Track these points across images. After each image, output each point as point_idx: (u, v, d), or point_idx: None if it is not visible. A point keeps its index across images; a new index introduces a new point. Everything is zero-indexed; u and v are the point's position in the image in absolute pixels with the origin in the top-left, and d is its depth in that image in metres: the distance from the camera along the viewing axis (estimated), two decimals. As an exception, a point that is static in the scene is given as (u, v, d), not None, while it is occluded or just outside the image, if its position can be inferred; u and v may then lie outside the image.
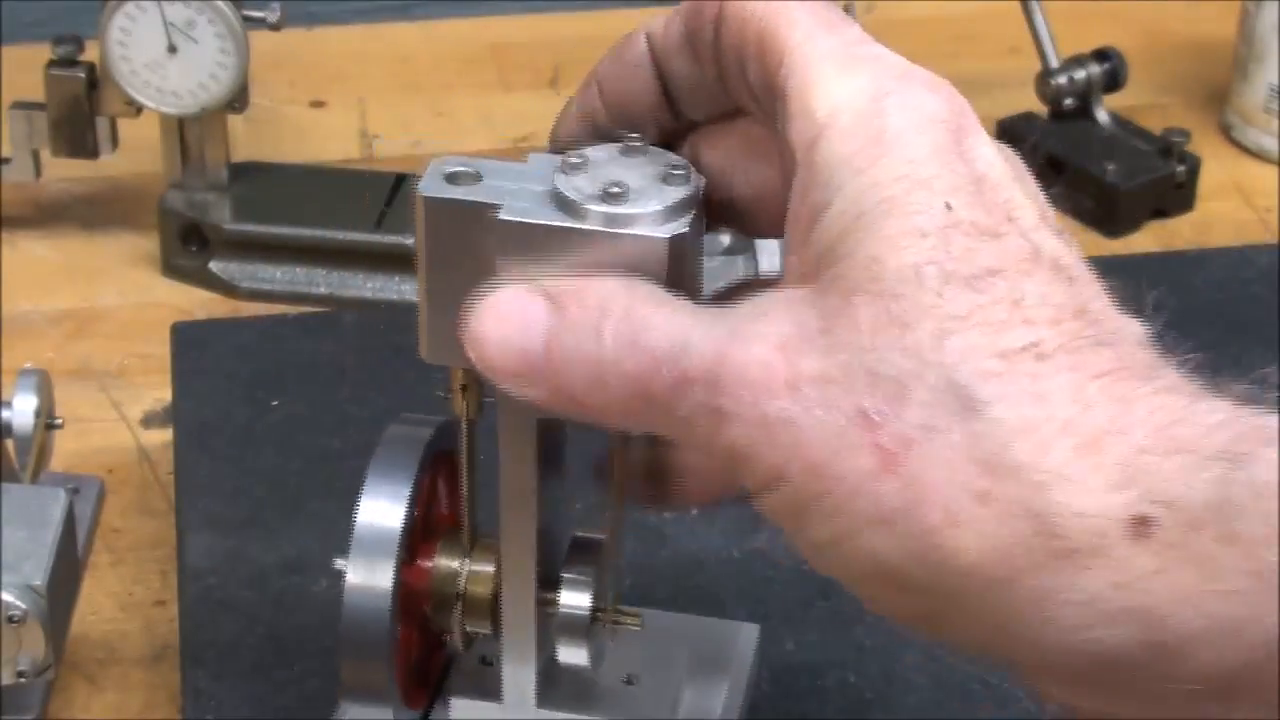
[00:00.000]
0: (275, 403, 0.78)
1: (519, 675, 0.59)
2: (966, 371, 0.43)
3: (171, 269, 0.93)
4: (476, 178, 0.52)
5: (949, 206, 0.45)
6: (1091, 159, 0.97)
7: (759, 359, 0.45)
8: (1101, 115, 0.99)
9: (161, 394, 0.83)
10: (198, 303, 0.91)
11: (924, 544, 0.43)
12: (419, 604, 0.59)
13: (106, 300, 0.91)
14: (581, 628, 0.58)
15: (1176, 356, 0.45)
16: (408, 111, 1.06)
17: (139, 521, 0.77)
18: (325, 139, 1.03)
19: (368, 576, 0.57)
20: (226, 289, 0.91)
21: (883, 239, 0.45)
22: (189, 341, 0.82)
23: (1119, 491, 0.42)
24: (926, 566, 0.43)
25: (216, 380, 0.80)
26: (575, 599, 0.58)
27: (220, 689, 0.64)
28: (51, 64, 0.90)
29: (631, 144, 0.52)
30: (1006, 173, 0.47)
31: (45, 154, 0.92)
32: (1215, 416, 0.43)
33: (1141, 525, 0.41)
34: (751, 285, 0.52)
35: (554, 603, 0.58)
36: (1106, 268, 0.49)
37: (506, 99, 1.08)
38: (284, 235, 0.91)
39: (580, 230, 0.50)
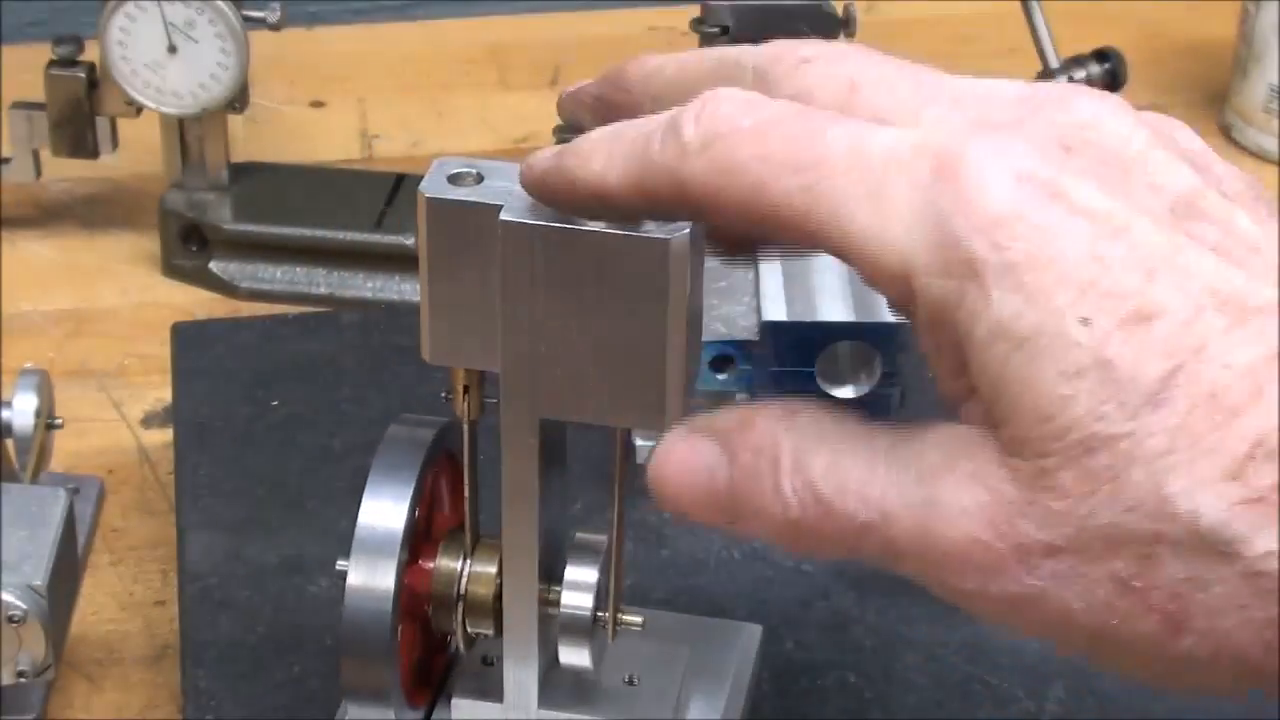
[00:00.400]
0: (275, 403, 0.78)
1: (520, 676, 0.59)
2: (1205, 518, 0.40)
3: (171, 269, 0.93)
4: (478, 178, 0.52)
5: (1086, 321, 0.41)
6: (1091, 159, 0.97)
7: (974, 539, 0.43)
8: (1101, 115, 0.99)
9: (161, 394, 0.83)
10: (198, 303, 0.91)
11: (1250, 674, 0.42)
12: (420, 605, 0.59)
13: (106, 300, 0.91)
14: (584, 629, 0.58)
15: None
16: (408, 111, 1.06)
17: (139, 521, 0.77)
18: (325, 139, 1.04)
19: (369, 577, 0.57)
20: (226, 289, 0.92)
21: (1042, 392, 0.41)
22: (189, 341, 0.82)
23: None
24: (1263, 680, 0.43)
25: (216, 380, 0.79)
26: (577, 600, 0.58)
27: (220, 689, 0.64)
28: (51, 64, 0.90)
29: None
30: (1117, 190, 0.43)
31: (45, 154, 0.92)
32: None
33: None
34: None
35: (555, 603, 0.58)
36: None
37: (506, 99, 1.08)
38: (284, 235, 0.91)
39: (581, 231, 0.50)
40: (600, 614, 0.59)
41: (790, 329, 0.70)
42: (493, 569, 0.59)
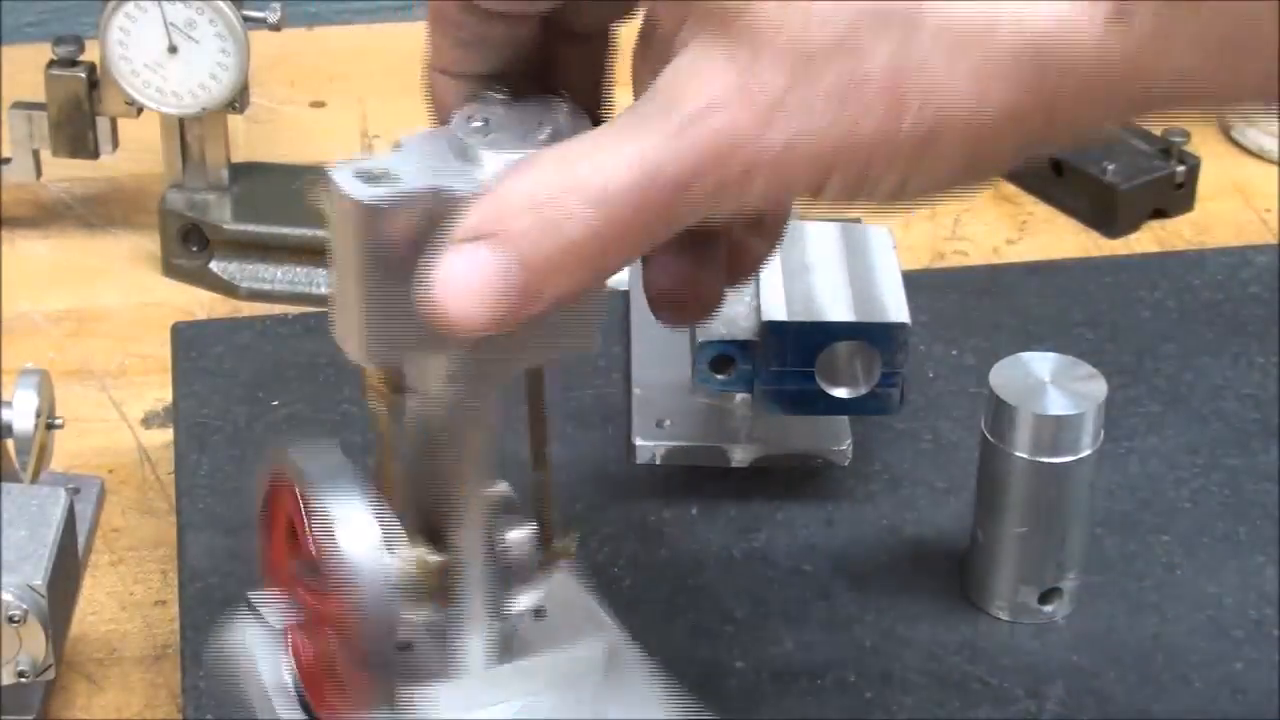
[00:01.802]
0: (275, 403, 0.78)
1: (472, 644, 0.59)
2: None
3: (171, 269, 0.93)
4: (387, 173, 0.52)
5: None
6: (1091, 159, 0.97)
7: (734, 119, 0.46)
8: (1101, 115, 0.99)
9: (161, 394, 0.83)
10: (198, 303, 0.91)
11: (971, 138, 0.45)
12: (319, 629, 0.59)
13: (106, 300, 0.91)
14: (531, 570, 0.58)
15: None
16: (408, 111, 1.05)
17: (139, 521, 0.77)
18: (325, 139, 1.03)
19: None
20: (226, 289, 0.92)
21: None
22: (189, 341, 0.82)
23: None
24: (982, 144, 0.46)
25: (216, 380, 0.80)
26: (519, 539, 0.58)
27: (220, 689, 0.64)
28: (51, 64, 0.90)
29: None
30: None
31: (45, 154, 0.92)
32: None
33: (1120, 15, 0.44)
34: None
35: (500, 561, 0.58)
36: (1106, 268, 0.49)
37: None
38: (284, 235, 0.91)
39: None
40: (544, 551, 0.59)
41: (790, 329, 0.70)
42: (439, 556, 0.59)
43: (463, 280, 0.49)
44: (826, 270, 0.73)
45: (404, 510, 0.59)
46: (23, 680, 0.62)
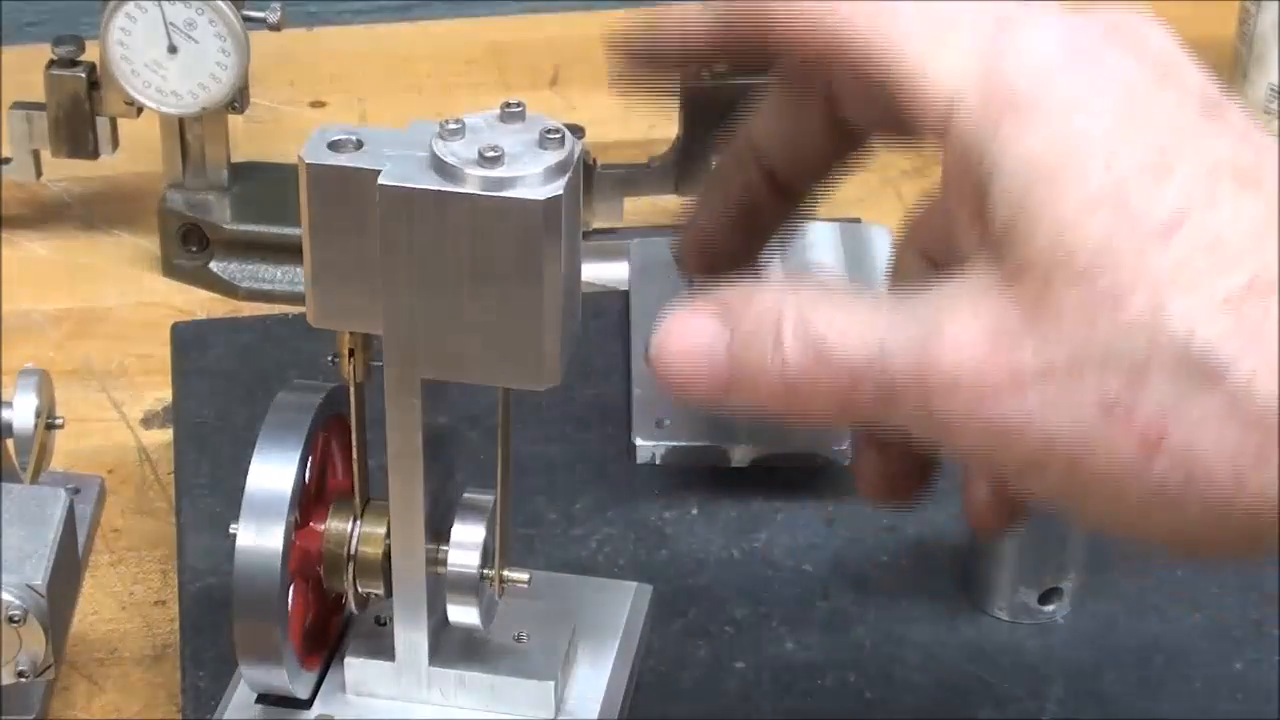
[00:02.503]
0: (275, 403, 0.78)
1: (411, 634, 0.60)
2: (1198, 341, 0.42)
3: (171, 269, 0.93)
4: (358, 145, 0.54)
5: (1110, 164, 0.44)
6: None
7: (970, 360, 0.44)
8: (1101, 115, 0.99)
9: (161, 394, 0.83)
10: (198, 303, 0.91)
11: (1218, 507, 0.43)
12: (314, 566, 0.60)
13: (106, 300, 0.91)
14: (471, 587, 0.59)
15: None
16: (408, 111, 1.06)
17: (139, 521, 0.77)
18: (325, 139, 1.03)
19: (258, 539, 0.58)
20: (226, 289, 0.92)
21: (1059, 217, 0.44)
22: (189, 341, 0.82)
23: None
24: (1227, 522, 0.43)
25: (216, 380, 0.80)
26: (463, 559, 0.59)
27: (220, 689, 0.64)
28: (51, 64, 0.90)
29: (510, 109, 0.53)
30: (1150, 76, 0.47)
31: (45, 154, 0.92)
32: None
33: None
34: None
35: (443, 562, 0.59)
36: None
37: (506, 99, 1.08)
38: (284, 235, 0.91)
39: (457, 194, 0.51)
40: (487, 572, 0.59)
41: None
42: (382, 530, 0.60)
43: (684, 335, 0.49)
44: (826, 270, 0.73)
45: (364, 481, 0.60)
46: (23, 680, 0.62)
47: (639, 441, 0.75)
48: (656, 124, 0.98)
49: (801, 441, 0.73)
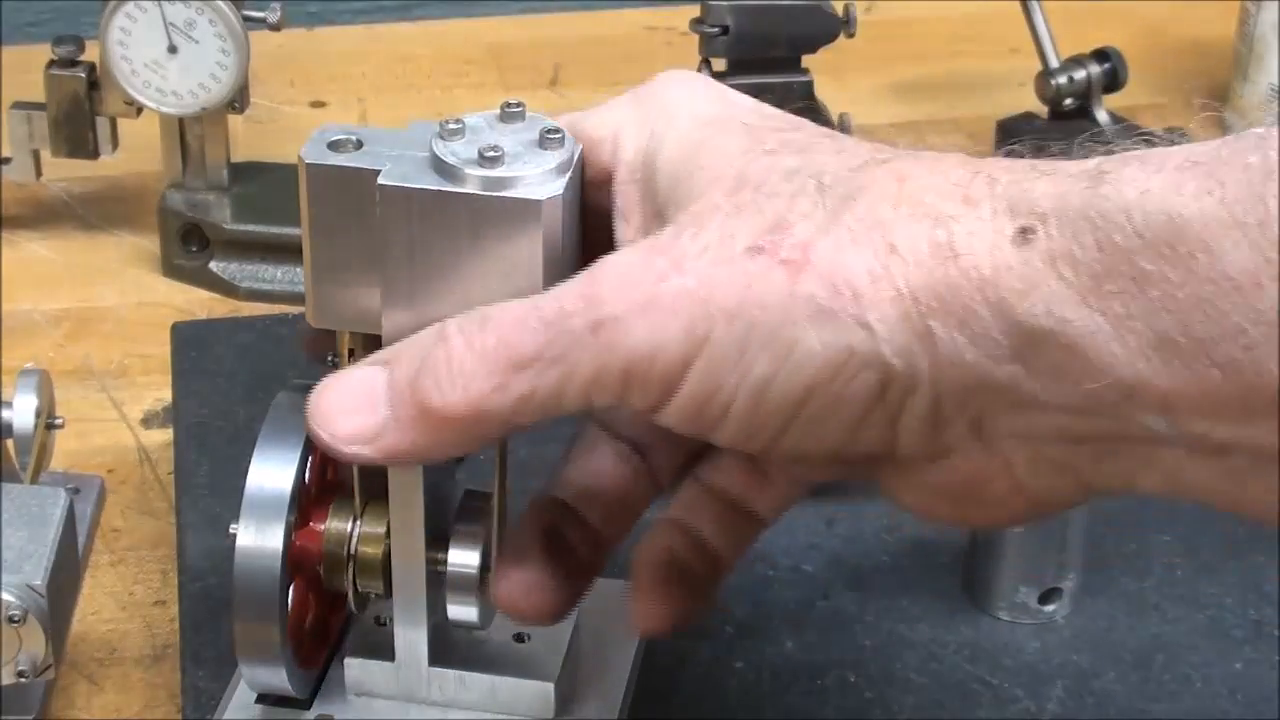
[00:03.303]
0: (275, 403, 0.78)
1: (410, 633, 0.60)
2: (829, 179, 0.48)
3: (171, 269, 0.93)
4: (358, 145, 0.54)
5: (745, 124, 0.51)
6: (1091, 159, 0.97)
7: (636, 262, 0.48)
8: (1101, 115, 0.99)
9: (161, 394, 0.83)
10: (198, 303, 0.91)
11: (859, 311, 0.46)
12: (315, 565, 0.60)
13: (106, 300, 0.91)
14: (470, 585, 0.59)
15: None
16: (408, 111, 1.06)
17: (139, 521, 0.77)
18: (325, 139, 1.03)
19: (258, 538, 0.58)
20: (226, 289, 0.92)
21: (707, 158, 0.50)
22: (189, 341, 0.82)
23: (1001, 215, 0.45)
24: (869, 330, 0.46)
25: (216, 380, 0.80)
26: (463, 557, 0.59)
27: (220, 689, 0.64)
28: (51, 64, 0.90)
29: (510, 109, 0.53)
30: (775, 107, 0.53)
31: (45, 154, 0.92)
32: (1069, 155, 0.47)
33: (1024, 235, 0.45)
34: None
35: (443, 561, 0.59)
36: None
37: (506, 99, 1.08)
38: (284, 235, 0.91)
39: (457, 194, 0.51)
40: (488, 571, 0.59)
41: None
42: (382, 529, 0.59)
43: (342, 384, 0.52)
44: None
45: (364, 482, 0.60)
46: (23, 680, 0.62)
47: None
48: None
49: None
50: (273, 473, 0.58)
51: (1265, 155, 0.42)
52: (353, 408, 0.51)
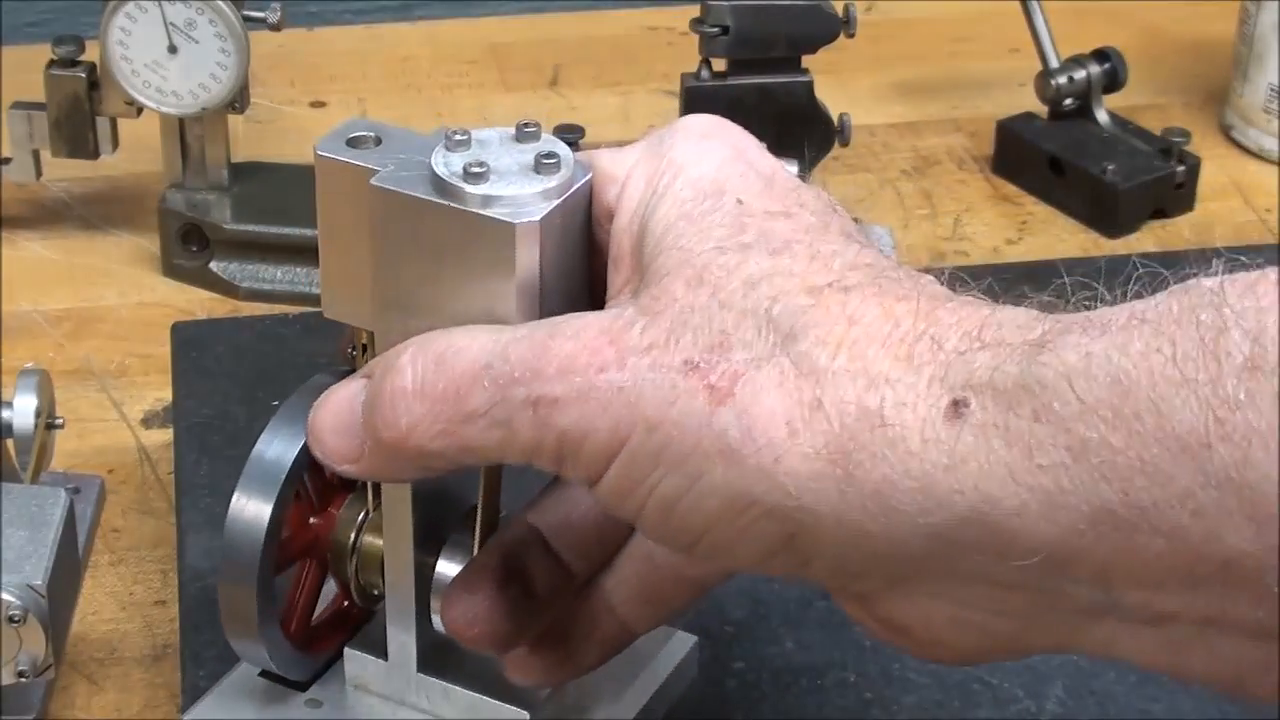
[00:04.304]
0: (275, 403, 0.78)
1: (401, 635, 0.60)
2: (780, 308, 0.46)
3: (171, 269, 0.93)
4: (377, 142, 0.53)
5: (740, 201, 0.50)
6: (1091, 159, 0.97)
7: (584, 345, 0.47)
8: (1101, 115, 0.99)
9: (161, 394, 0.83)
10: (198, 303, 0.91)
11: (768, 460, 0.45)
12: (326, 551, 0.60)
13: (106, 300, 0.91)
14: None
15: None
16: (408, 111, 1.06)
17: (139, 521, 0.77)
18: (325, 139, 1.03)
19: (248, 503, 0.58)
20: (226, 289, 0.92)
21: (686, 237, 0.49)
22: (189, 341, 0.82)
23: (936, 384, 0.44)
24: (774, 482, 0.45)
25: (216, 380, 0.80)
26: (449, 568, 0.59)
27: (220, 689, 0.64)
28: (51, 64, 0.90)
29: (525, 129, 0.53)
30: (791, 175, 0.52)
31: (45, 154, 0.92)
32: (1018, 319, 0.45)
33: (957, 408, 0.43)
34: None
35: (432, 566, 0.59)
36: (1107, 268, 0.49)
37: (506, 99, 1.08)
38: (284, 235, 0.91)
39: (437, 205, 0.51)
40: None
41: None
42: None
43: (331, 401, 0.52)
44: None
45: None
46: (23, 680, 0.62)
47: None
48: (656, 124, 0.98)
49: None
50: (279, 445, 0.58)
51: (1218, 311, 0.41)
52: (337, 427, 0.52)
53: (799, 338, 0.46)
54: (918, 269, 0.50)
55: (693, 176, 0.51)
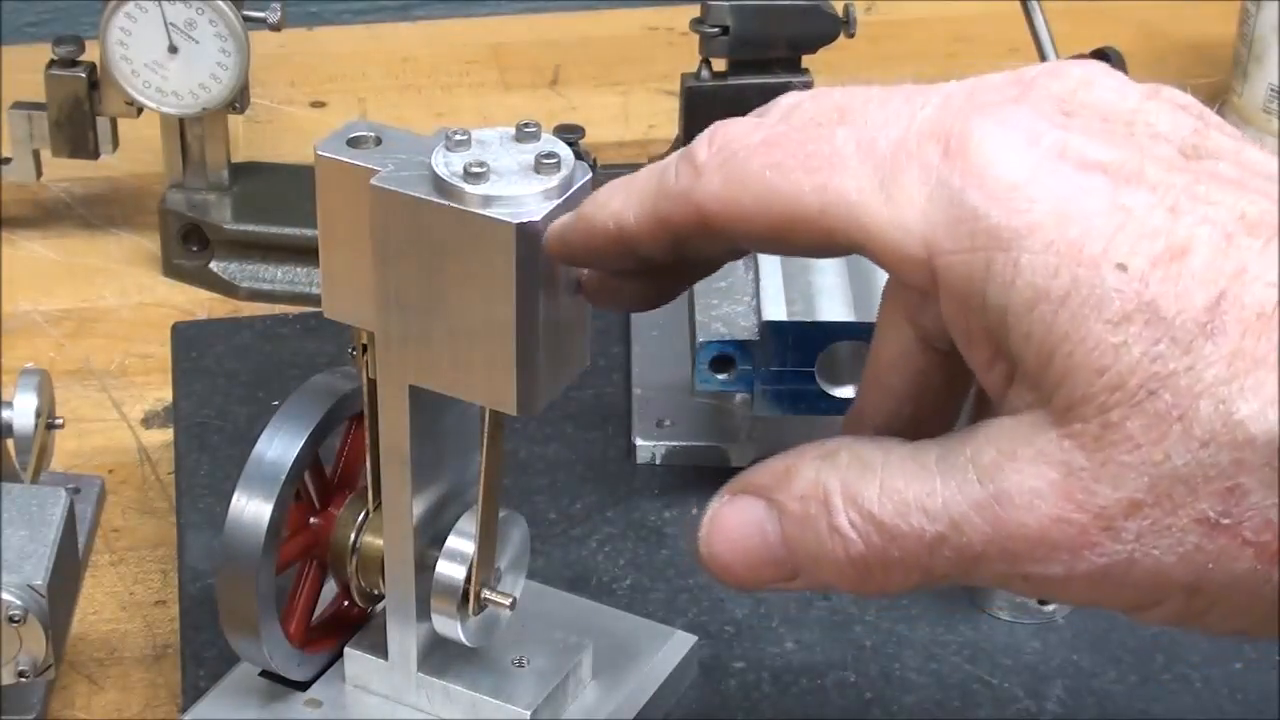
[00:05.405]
0: (275, 403, 0.78)
1: (402, 636, 0.60)
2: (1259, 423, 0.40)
3: (171, 269, 0.93)
4: (376, 142, 0.53)
5: (1122, 267, 0.41)
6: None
7: (1053, 519, 0.42)
8: (1101, 115, 0.99)
9: (161, 394, 0.83)
10: (198, 303, 0.91)
11: None
12: (324, 550, 0.61)
13: (106, 300, 0.91)
14: (453, 598, 0.59)
15: None
16: (408, 111, 1.06)
17: (139, 521, 0.77)
18: (325, 139, 1.03)
19: (249, 502, 0.58)
20: (226, 289, 0.92)
21: (1093, 344, 0.41)
22: (189, 341, 0.82)
23: None
24: None
25: (216, 380, 0.80)
26: (450, 570, 0.59)
27: (220, 689, 0.64)
28: (51, 64, 0.90)
29: (525, 129, 0.52)
30: (1120, 145, 0.43)
31: (45, 154, 0.92)
32: None
33: None
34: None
35: (432, 566, 0.59)
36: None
37: (506, 99, 1.08)
38: (284, 235, 0.91)
39: (436, 205, 0.51)
40: (471, 586, 0.59)
41: (790, 329, 0.70)
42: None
43: (731, 529, 0.48)
44: (826, 270, 0.73)
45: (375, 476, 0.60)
46: (23, 680, 0.62)
47: (639, 441, 0.75)
48: (656, 124, 0.98)
49: (801, 441, 0.73)
50: (280, 443, 0.58)
51: None
52: (751, 563, 0.47)
53: None
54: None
55: (1039, 240, 0.41)
